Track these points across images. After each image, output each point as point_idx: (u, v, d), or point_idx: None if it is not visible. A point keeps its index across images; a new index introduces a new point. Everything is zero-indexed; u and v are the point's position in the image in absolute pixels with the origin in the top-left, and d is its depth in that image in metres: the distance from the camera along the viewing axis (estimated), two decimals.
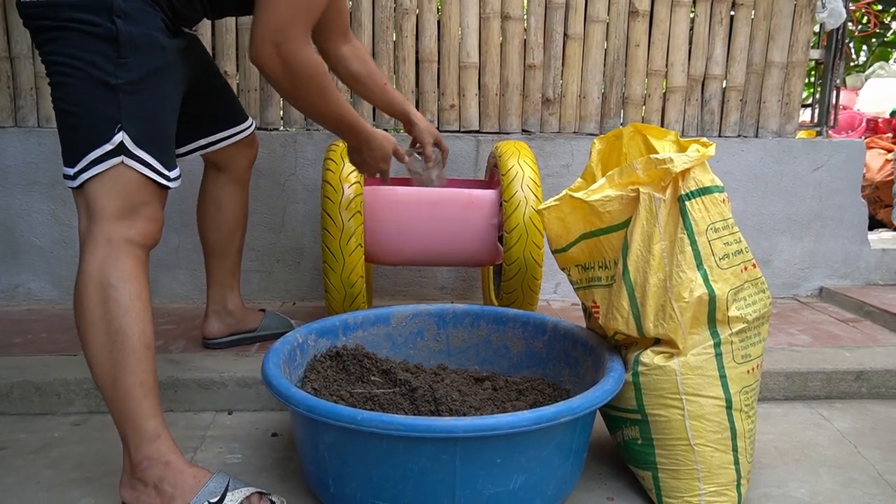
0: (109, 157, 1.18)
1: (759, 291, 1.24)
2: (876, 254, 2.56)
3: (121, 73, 1.18)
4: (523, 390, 1.42)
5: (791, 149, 2.48)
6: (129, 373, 1.15)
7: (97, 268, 1.16)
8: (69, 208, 2.25)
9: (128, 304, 1.16)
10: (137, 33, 1.19)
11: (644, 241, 1.20)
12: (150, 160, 1.23)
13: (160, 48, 1.24)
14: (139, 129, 1.21)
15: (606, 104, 2.46)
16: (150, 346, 1.18)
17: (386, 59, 2.34)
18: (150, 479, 1.14)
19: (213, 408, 1.64)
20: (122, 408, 1.16)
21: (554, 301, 2.44)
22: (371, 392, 1.34)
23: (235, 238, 1.78)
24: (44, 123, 2.27)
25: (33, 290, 2.28)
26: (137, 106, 1.21)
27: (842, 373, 1.78)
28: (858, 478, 1.39)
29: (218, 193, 1.74)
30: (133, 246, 1.20)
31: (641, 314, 1.21)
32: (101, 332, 1.15)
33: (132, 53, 1.19)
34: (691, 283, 1.17)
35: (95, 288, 1.16)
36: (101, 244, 1.18)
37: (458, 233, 1.85)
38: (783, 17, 2.45)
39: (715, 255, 1.19)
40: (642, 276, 1.20)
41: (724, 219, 1.20)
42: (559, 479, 1.18)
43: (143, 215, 1.23)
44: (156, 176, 1.24)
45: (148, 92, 1.22)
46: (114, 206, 1.19)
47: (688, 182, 1.18)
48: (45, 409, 1.61)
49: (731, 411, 1.21)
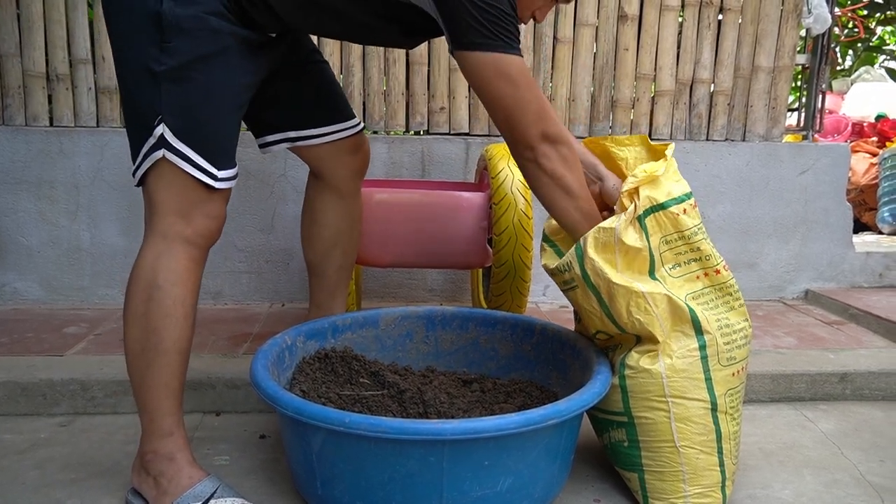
0: (154, 150, 1.14)
1: (725, 294, 1.26)
2: (860, 257, 2.59)
3: (165, 58, 1.11)
4: (511, 393, 1.42)
5: (777, 153, 2.51)
6: (157, 373, 1.17)
7: (150, 264, 1.16)
8: (57, 208, 2.24)
9: (169, 307, 1.16)
10: (186, 15, 1.11)
11: (601, 246, 1.22)
12: (193, 156, 1.15)
13: (212, 32, 1.14)
14: (182, 122, 1.13)
15: (596, 107, 2.47)
16: (183, 352, 1.19)
17: (377, 61, 2.34)
18: (151, 471, 1.18)
19: (201, 409, 1.64)
20: (144, 401, 1.19)
21: (543, 303, 2.45)
22: (359, 394, 1.35)
23: (332, 256, 1.58)
24: (31, 122, 2.25)
25: (19, 289, 2.27)
26: (181, 96, 1.13)
27: (826, 375, 1.80)
28: (841, 479, 1.40)
29: (313, 203, 1.56)
30: (188, 245, 1.18)
31: (613, 312, 1.22)
32: (140, 328, 1.16)
33: (177, 37, 1.11)
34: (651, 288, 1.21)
35: (144, 285, 1.16)
36: (157, 240, 1.17)
37: (448, 235, 1.86)
38: (770, 22, 2.47)
39: (665, 266, 1.23)
40: (603, 279, 1.21)
41: (679, 230, 1.22)
42: (546, 482, 1.19)
43: (202, 212, 1.18)
44: (199, 174, 1.16)
45: (195, 80, 1.14)
46: (171, 201, 1.16)
47: (643, 201, 1.21)
48: (31, 409, 1.60)
49: (717, 413, 1.23)
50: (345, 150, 1.51)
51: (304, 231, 1.59)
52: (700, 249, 1.23)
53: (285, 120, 1.46)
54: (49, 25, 2.22)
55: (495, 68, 1.17)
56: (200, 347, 1.83)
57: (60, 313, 2.15)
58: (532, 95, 1.20)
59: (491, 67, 1.17)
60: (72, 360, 1.73)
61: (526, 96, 1.19)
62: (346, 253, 1.60)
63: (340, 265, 1.60)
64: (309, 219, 1.57)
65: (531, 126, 1.21)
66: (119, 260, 2.27)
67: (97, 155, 2.23)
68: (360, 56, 2.33)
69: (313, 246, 1.58)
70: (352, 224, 1.59)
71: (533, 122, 1.21)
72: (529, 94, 1.19)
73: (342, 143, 1.50)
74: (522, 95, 1.19)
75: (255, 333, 1.99)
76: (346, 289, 1.65)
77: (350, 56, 2.32)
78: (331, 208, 1.54)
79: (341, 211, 1.55)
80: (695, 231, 1.23)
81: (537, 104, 1.21)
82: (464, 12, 1.13)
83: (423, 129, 2.43)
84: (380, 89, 2.37)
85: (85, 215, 2.25)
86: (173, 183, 1.15)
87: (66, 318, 2.10)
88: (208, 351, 1.82)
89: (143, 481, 1.20)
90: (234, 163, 1.24)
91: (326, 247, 1.57)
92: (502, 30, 1.15)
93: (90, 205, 2.25)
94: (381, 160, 2.35)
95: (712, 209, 2.49)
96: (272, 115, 1.45)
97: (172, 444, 1.19)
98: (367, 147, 1.57)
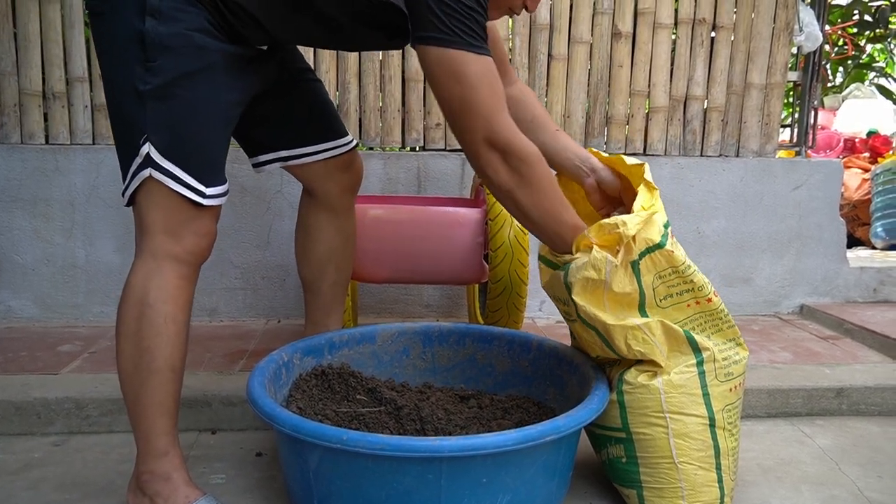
0: (140, 169, 1.13)
1: (716, 320, 1.25)
2: (854, 272, 2.60)
3: (149, 77, 1.10)
4: (509, 409, 1.42)
5: (771, 168, 2.52)
6: (150, 392, 1.16)
7: (140, 282, 1.15)
8: (52, 226, 2.23)
9: (161, 325, 1.15)
10: (170, 33, 1.10)
11: (588, 292, 1.20)
12: (181, 174, 1.14)
13: (197, 49, 1.13)
14: (167, 140, 1.13)
15: (590, 124, 2.49)
16: (176, 370, 1.18)
17: (372, 77, 2.35)
18: (147, 491, 1.18)
19: (197, 427, 1.62)
20: (139, 421, 1.18)
21: (539, 319, 2.45)
22: (356, 411, 1.34)
23: (327, 272, 1.57)
24: (27, 140, 2.25)
25: (14, 307, 2.26)
26: (166, 114, 1.13)
27: (822, 390, 1.80)
28: (839, 494, 1.40)
29: (307, 219, 1.55)
30: (178, 263, 1.17)
31: (611, 343, 1.22)
32: (132, 346, 1.16)
33: (162, 55, 1.10)
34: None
35: (135, 303, 1.15)
36: (147, 259, 1.16)
37: (444, 251, 1.86)
38: (762, 39, 2.50)
39: (657, 298, 1.21)
40: (598, 321, 1.21)
41: (673, 265, 1.20)
42: (544, 498, 1.18)
43: (191, 230, 1.18)
44: (186, 191, 1.15)
45: (179, 97, 1.13)
46: (160, 220, 1.15)
47: (639, 244, 1.18)
48: (25, 429, 1.58)
49: (715, 429, 1.23)
50: (337, 167, 1.50)
51: (298, 248, 1.59)
52: (693, 282, 1.22)
53: (277, 139, 1.45)
54: (46, 44, 2.23)
55: (448, 66, 1.12)
56: (196, 365, 1.82)
57: (55, 331, 2.14)
58: (484, 98, 1.13)
59: (444, 65, 1.12)
60: (66, 378, 1.72)
61: (477, 99, 1.13)
62: (340, 269, 1.59)
63: (335, 281, 1.59)
64: (303, 236, 1.57)
65: (477, 131, 1.15)
66: (114, 277, 2.26)
67: (93, 172, 2.24)
68: (357, 73, 2.34)
69: (308, 263, 1.57)
70: (345, 240, 1.58)
71: (480, 126, 1.15)
72: (481, 96, 1.13)
73: (335, 161, 1.49)
74: (473, 98, 1.13)
75: (251, 350, 1.98)
76: (341, 305, 1.64)
77: (346, 73, 2.34)
78: (324, 225, 1.54)
79: (335, 227, 1.55)
80: (687, 265, 1.21)
81: (488, 109, 1.14)
82: (422, 4, 1.10)
83: (418, 146, 2.44)
84: (376, 106, 2.38)
85: (80, 233, 2.25)
86: (161, 201, 1.15)
87: (60, 336, 2.09)
88: (204, 368, 1.81)
89: (139, 502, 1.19)
90: (223, 179, 1.22)
91: (321, 263, 1.56)
92: (461, 26, 1.10)
93: (85, 222, 2.25)
94: (377, 176, 2.35)
95: (707, 224, 2.50)
96: (263, 134, 1.44)
97: (168, 464, 1.18)
98: (359, 164, 1.56)
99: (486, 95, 1.14)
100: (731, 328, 1.27)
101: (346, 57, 2.32)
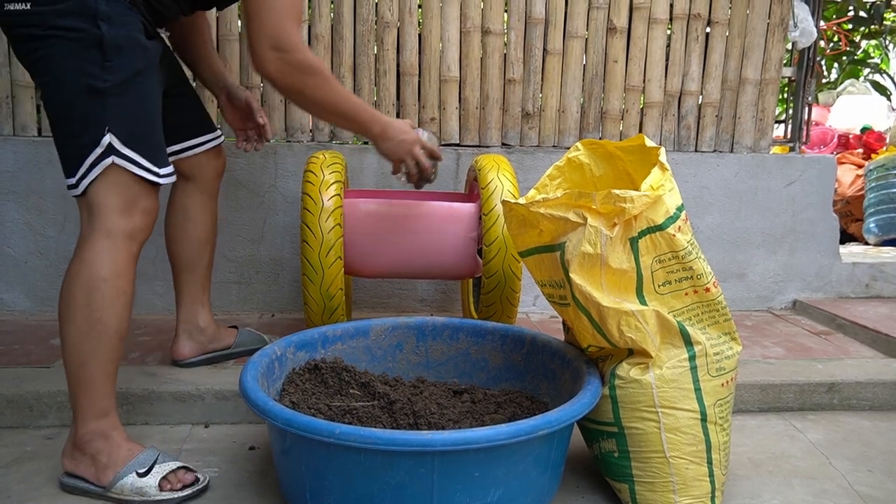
0: (101, 158, 1.25)
1: (713, 311, 1.26)
2: (847, 267, 2.62)
3: (107, 76, 1.23)
4: (502, 403, 1.42)
5: (765, 164, 2.53)
6: (99, 360, 1.26)
7: (93, 257, 1.25)
8: (44, 218, 2.22)
9: (113, 298, 1.26)
10: (121, 36, 1.24)
11: (585, 269, 1.20)
12: (139, 159, 1.28)
13: (142, 48, 1.29)
14: (127, 130, 1.26)
15: (585, 118, 2.49)
16: (123, 338, 1.30)
17: (367, 71, 2.35)
18: (88, 450, 1.27)
19: (190, 421, 1.62)
20: (84, 386, 1.27)
21: (533, 314, 2.46)
22: (349, 405, 1.34)
23: (205, 252, 1.73)
24: (20, 132, 2.24)
25: (6, 300, 2.25)
26: (124, 107, 1.26)
27: (814, 385, 1.81)
28: (830, 488, 1.41)
29: (186, 203, 1.70)
30: (129, 241, 1.28)
31: (603, 328, 1.22)
32: (83, 318, 1.25)
33: (117, 56, 1.23)
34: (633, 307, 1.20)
35: (87, 278, 1.25)
36: (101, 237, 1.26)
37: (438, 245, 1.86)
38: (756, 35, 2.50)
39: (655, 283, 1.21)
40: (592, 302, 1.21)
41: (674, 250, 1.20)
42: (537, 492, 1.19)
43: (140, 208, 1.30)
44: (145, 174, 1.29)
45: (133, 92, 1.27)
46: (113, 201, 1.26)
47: (640, 222, 1.18)
48: (17, 422, 1.58)
49: (706, 424, 1.23)
50: (212, 155, 1.72)
51: (176, 230, 1.71)
52: (692, 269, 1.22)
53: (171, 137, 1.60)
54: None
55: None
56: None
57: (47, 324, 2.13)
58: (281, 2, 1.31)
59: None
60: (59, 371, 1.70)
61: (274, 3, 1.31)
62: (213, 250, 1.77)
63: (209, 261, 1.76)
64: (182, 217, 1.71)
65: (267, 31, 1.32)
66: None
67: None
68: (351, 67, 2.33)
69: (188, 243, 1.71)
70: (216, 223, 1.77)
71: (272, 27, 1.32)
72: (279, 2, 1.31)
73: (211, 151, 1.72)
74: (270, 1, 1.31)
75: None
76: (210, 284, 1.79)
77: (341, 67, 2.33)
78: (202, 207, 1.72)
79: (210, 210, 1.74)
80: (689, 250, 1.21)
81: (283, 13, 1.31)
82: None
83: None
84: (370, 100, 2.37)
85: (73, 226, 2.24)
86: (119, 185, 1.26)
87: (52, 329, 2.08)
88: None
89: (78, 463, 1.27)
90: (169, 162, 1.37)
91: (200, 243, 1.72)
92: None
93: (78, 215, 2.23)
94: (372, 171, 2.35)
95: (701, 220, 2.51)
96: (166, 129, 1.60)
97: (107, 424, 1.28)
98: (224, 151, 1.78)
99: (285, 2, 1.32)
100: (727, 321, 1.28)
101: (340, 51, 2.31)
